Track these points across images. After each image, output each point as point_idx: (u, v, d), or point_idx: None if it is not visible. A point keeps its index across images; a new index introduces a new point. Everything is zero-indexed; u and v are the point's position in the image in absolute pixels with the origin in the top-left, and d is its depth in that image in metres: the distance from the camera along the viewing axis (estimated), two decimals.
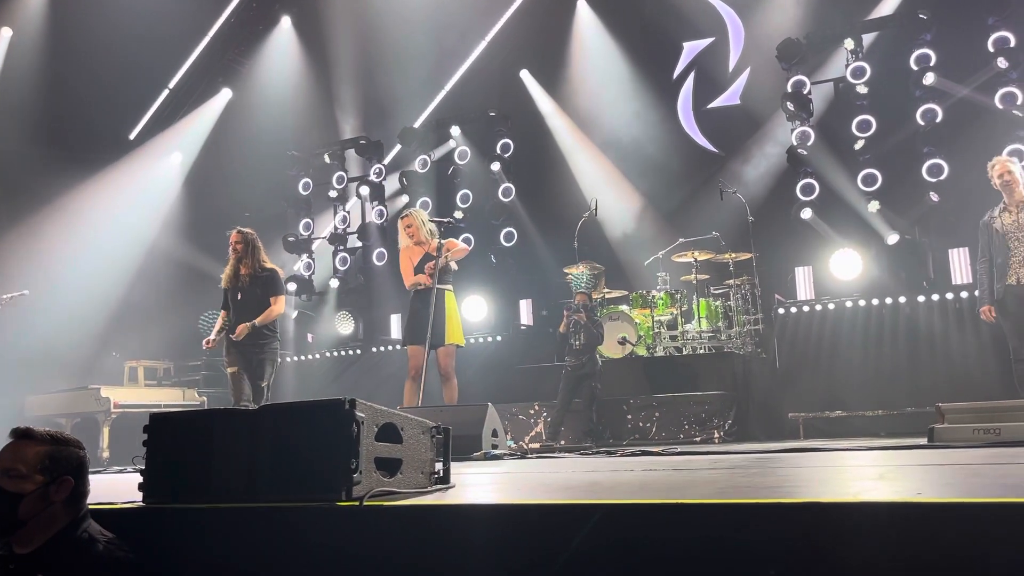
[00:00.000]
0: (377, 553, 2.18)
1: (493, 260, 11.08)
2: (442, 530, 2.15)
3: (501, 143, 11.26)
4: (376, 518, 2.20)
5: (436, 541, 2.13)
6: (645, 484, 2.63)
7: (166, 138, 12.49)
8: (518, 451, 5.19)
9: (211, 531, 2.41)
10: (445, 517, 2.17)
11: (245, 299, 6.69)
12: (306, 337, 12.33)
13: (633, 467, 3.39)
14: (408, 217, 6.99)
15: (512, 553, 2.00)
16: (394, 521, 2.19)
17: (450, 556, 2.10)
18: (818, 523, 1.71)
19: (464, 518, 2.11)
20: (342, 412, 2.36)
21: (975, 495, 1.83)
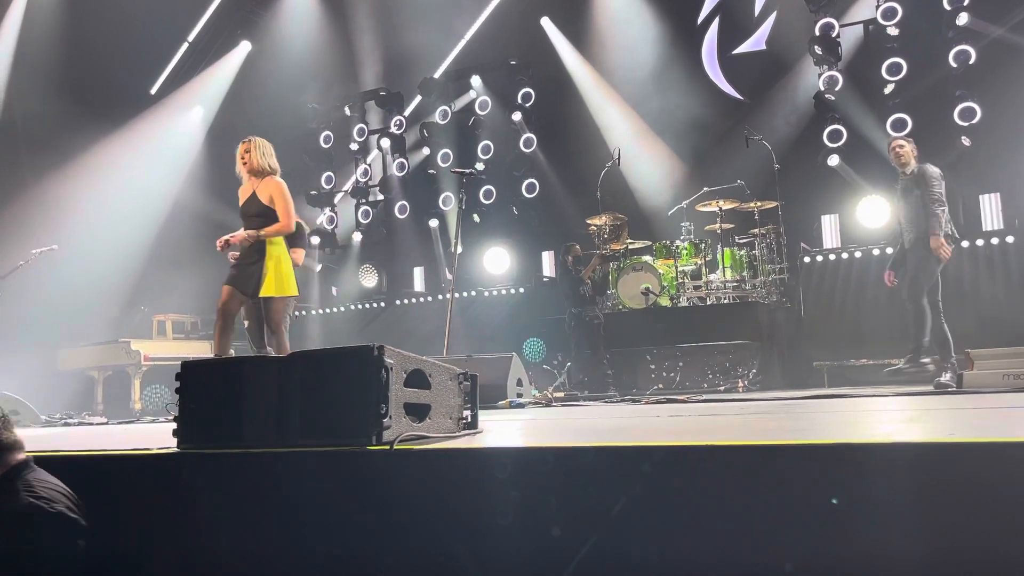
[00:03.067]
0: (407, 496, 2.21)
1: (515, 212, 11.04)
2: (471, 473, 2.17)
3: (522, 92, 11.13)
4: (406, 462, 2.22)
5: (465, 484, 2.16)
6: (673, 428, 2.63)
7: (187, 92, 12.46)
8: (543, 400, 5.22)
9: (243, 475, 2.45)
10: (474, 460, 2.19)
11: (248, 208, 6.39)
12: (330, 290, 12.42)
13: (659, 414, 3.40)
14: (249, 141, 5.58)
15: (541, 495, 2.02)
16: (424, 464, 2.21)
17: (479, 498, 2.12)
18: (851, 463, 1.70)
19: (493, 461, 2.12)
20: (371, 358, 2.37)
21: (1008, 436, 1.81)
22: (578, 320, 8.29)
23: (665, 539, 1.85)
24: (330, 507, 2.31)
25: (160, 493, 2.50)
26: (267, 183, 5.43)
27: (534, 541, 2.02)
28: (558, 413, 4.00)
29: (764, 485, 1.73)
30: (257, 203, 5.40)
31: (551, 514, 2.00)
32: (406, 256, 12.07)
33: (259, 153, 5.48)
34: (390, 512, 2.23)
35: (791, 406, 3.51)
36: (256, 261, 5.32)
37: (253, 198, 5.42)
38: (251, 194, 5.43)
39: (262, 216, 5.34)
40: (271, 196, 5.39)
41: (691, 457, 1.82)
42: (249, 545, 2.37)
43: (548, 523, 1.99)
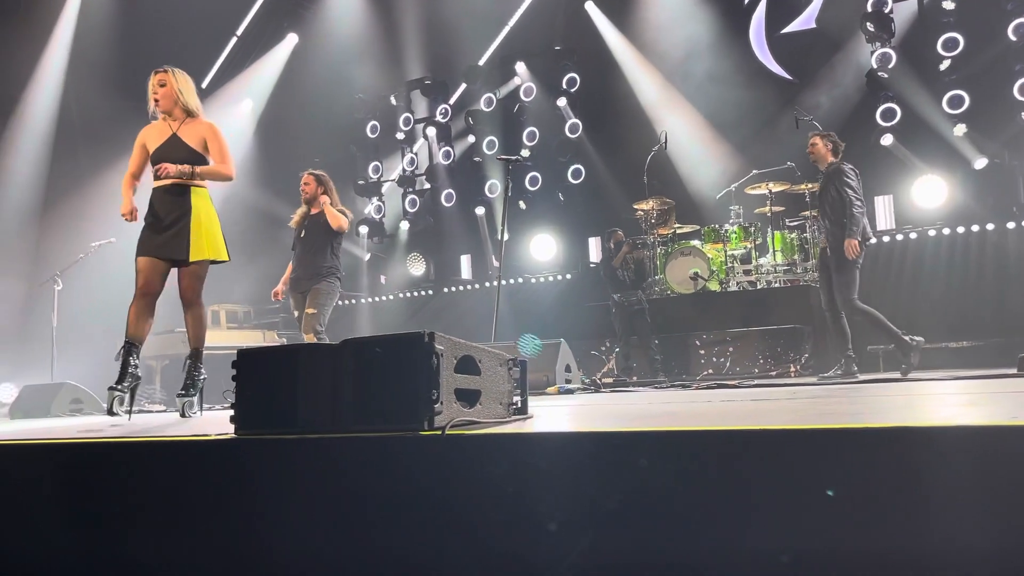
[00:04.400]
0: (459, 481, 2.23)
1: (561, 198, 11.01)
2: (523, 457, 2.17)
3: (567, 78, 11.07)
4: (458, 447, 2.24)
5: (518, 468, 2.16)
6: (725, 413, 2.61)
7: (236, 85, 12.66)
8: (591, 386, 5.21)
9: (299, 460, 2.49)
10: (526, 445, 2.19)
11: (308, 238, 6.40)
12: (379, 279, 12.54)
13: (710, 399, 3.37)
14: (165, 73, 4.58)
15: (593, 479, 2.02)
16: (476, 449, 2.23)
17: (531, 483, 2.13)
18: (910, 447, 1.67)
19: (545, 445, 2.13)
20: (422, 344, 2.39)
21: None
22: (620, 306, 8.27)
23: (722, 526, 1.84)
24: (383, 491, 2.34)
25: (219, 478, 2.56)
26: (195, 124, 4.53)
27: (586, 526, 2.02)
28: (607, 399, 4.00)
29: (823, 470, 1.71)
30: (182, 147, 4.47)
31: (603, 499, 2.00)
32: (453, 244, 12.13)
33: (178, 88, 4.53)
34: (442, 496, 2.25)
35: (846, 390, 3.45)
36: (178, 219, 4.41)
37: (175, 142, 4.48)
38: (170, 137, 4.49)
39: (190, 163, 4.45)
40: (203, 138, 4.50)
41: (747, 442, 1.80)
42: (304, 528, 2.42)
43: (601, 508, 1.99)
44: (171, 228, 4.39)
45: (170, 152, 4.44)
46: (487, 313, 9.54)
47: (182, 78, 4.57)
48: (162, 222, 4.41)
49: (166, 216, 4.40)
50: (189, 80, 4.63)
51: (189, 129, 4.51)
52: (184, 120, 4.52)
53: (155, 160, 4.46)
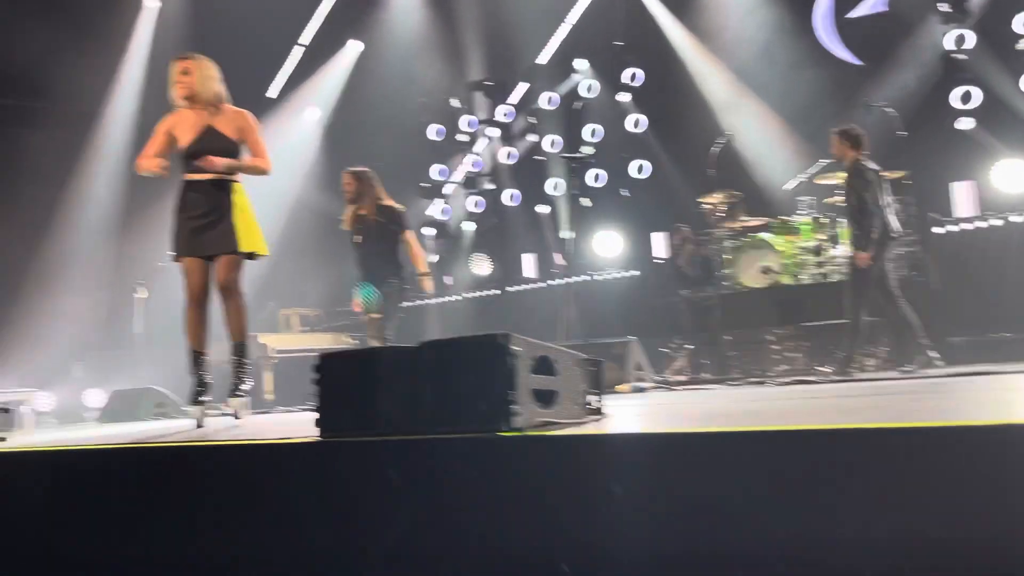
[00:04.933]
0: (539, 481, 2.24)
1: (625, 194, 10.94)
2: (602, 458, 2.17)
3: (629, 73, 10.99)
4: (537, 447, 2.25)
5: (597, 468, 2.16)
6: (809, 411, 2.56)
7: (302, 94, 12.92)
8: (663, 384, 5.17)
9: (380, 461, 2.53)
10: (606, 445, 2.19)
11: (366, 242, 6.24)
12: (445, 280, 12.65)
13: (790, 396, 3.31)
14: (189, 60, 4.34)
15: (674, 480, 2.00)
16: (555, 450, 2.24)
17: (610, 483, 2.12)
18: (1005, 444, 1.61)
19: (624, 446, 2.13)
20: (498, 346, 2.41)
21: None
22: (689, 302, 8.19)
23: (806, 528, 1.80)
24: (463, 492, 2.37)
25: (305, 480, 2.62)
26: (229, 113, 4.31)
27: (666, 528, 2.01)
28: (682, 397, 3.96)
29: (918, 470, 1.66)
30: (221, 139, 4.24)
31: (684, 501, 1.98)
32: (517, 243, 12.16)
33: (204, 75, 4.29)
34: (521, 496, 2.27)
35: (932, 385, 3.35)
36: (222, 214, 4.23)
37: (212, 134, 4.25)
38: (206, 128, 4.26)
39: (229, 156, 4.25)
40: (240, 128, 4.30)
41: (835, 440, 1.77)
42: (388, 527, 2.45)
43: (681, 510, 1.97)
44: (216, 224, 4.19)
45: (209, 145, 4.22)
46: (552, 312, 9.55)
47: (207, 65, 4.32)
48: (203, 219, 4.21)
49: (207, 212, 4.20)
50: (214, 67, 4.36)
51: (224, 119, 4.28)
52: (215, 109, 4.28)
53: (194, 154, 4.23)
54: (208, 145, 4.22)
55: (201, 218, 4.23)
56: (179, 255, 4.30)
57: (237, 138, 4.29)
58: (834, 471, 1.80)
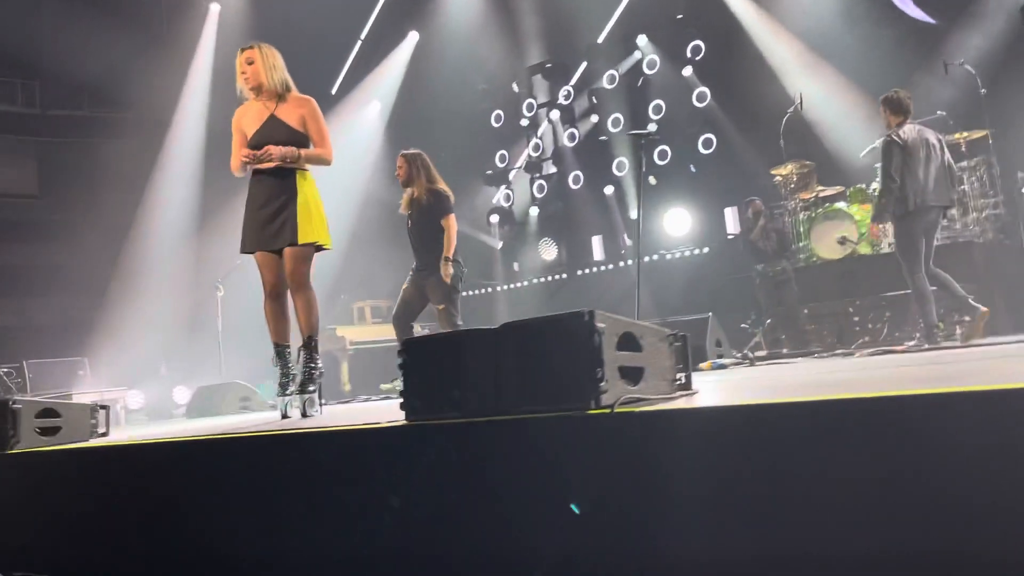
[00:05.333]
0: (631, 458, 2.21)
1: (693, 170, 10.75)
2: (697, 432, 2.13)
3: (691, 46, 10.79)
4: (628, 424, 2.21)
5: (691, 444, 2.12)
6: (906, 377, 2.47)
7: (364, 88, 13.08)
8: (744, 359, 5.07)
9: (468, 443, 2.53)
10: (699, 420, 2.14)
11: (415, 225, 6.12)
12: (512, 266, 12.67)
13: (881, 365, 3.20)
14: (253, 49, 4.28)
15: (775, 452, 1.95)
16: (647, 426, 2.20)
17: (706, 458, 2.08)
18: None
19: (721, 420, 2.08)
20: (583, 323, 2.37)
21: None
22: (764, 277, 8.04)
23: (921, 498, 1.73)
24: (553, 471, 2.35)
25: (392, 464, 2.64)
26: (294, 102, 4.24)
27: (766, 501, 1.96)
28: (767, 372, 3.87)
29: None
30: (283, 128, 4.17)
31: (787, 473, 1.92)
32: (584, 226, 12.09)
33: (269, 64, 4.23)
34: (613, 474, 2.24)
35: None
36: (285, 204, 4.15)
37: (275, 123, 4.19)
38: (269, 118, 4.20)
39: (291, 145, 4.16)
40: (303, 117, 4.21)
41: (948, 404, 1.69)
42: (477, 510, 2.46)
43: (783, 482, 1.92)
44: (279, 215, 4.13)
45: (271, 135, 4.15)
46: (623, 293, 9.47)
47: (270, 53, 4.26)
48: (267, 209, 4.15)
49: (271, 202, 4.15)
50: (278, 55, 4.30)
51: (287, 108, 4.21)
52: (280, 99, 4.22)
53: (256, 143, 4.17)
54: (269, 135, 4.15)
55: (265, 209, 4.17)
56: (247, 249, 4.27)
57: (299, 127, 4.20)
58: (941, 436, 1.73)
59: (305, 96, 4.28)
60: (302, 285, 4.22)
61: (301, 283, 4.21)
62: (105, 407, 4.41)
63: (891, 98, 6.29)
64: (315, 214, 4.23)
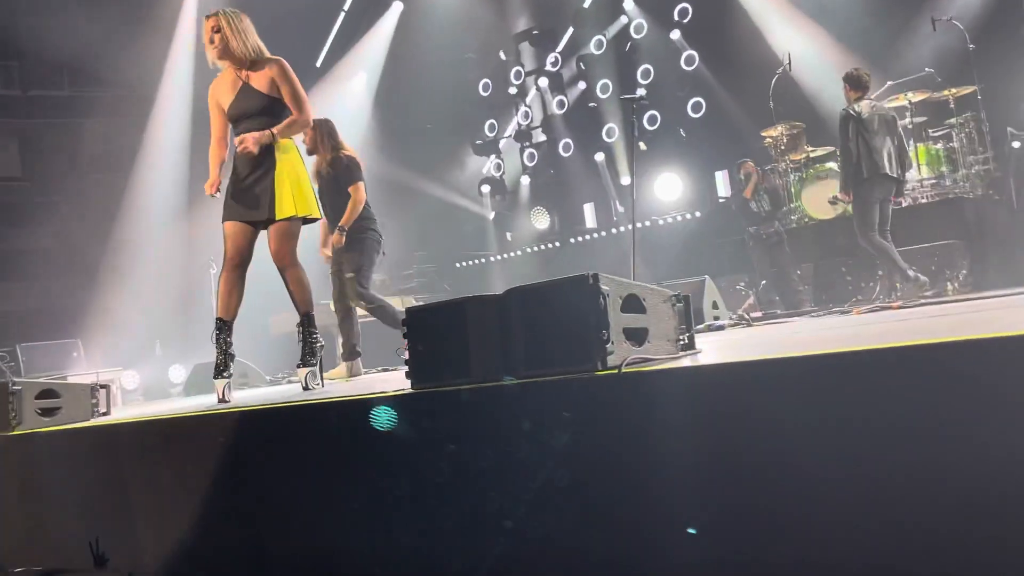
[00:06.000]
0: (639, 418, 2.22)
1: (683, 134, 10.72)
2: (703, 390, 2.15)
3: (679, 8, 10.71)
4: (635, 384, 2.23)
5: (698, 401, 2.14)
6: (908, 330, 2.49)
7: (349, 61, 12.95)
8: (740, 320, 5.10)
9: (475, 408, 2.55)
10: (705, 377, 2.16)
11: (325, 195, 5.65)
12: (505, 236, 12.66)
13: (881, 320, 3.22)
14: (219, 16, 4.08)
15: (784, 406, 1.97)
16: (654, 385, 2.22)
17: (713, 415, 2.10)
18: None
19: (728, 376, 2.10)
20: (587, 286, 2.38)
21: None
22: (756, 238, 8.06)
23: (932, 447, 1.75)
24: (562, 433, 2.37)
25: (402, 432, 2.66)
26: (263, 65, 4.04)
27: (778, 458, 1.98)
28: (767, 331, 3.89)
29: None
30: (256, 96, 4.00)
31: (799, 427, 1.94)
32: (575, 193, 12.07)
33: (236, 30, 4.02)
34: (622, 434, 2.26)
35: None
36: (261, 177, 4.00)
37: (247, 91, 4.02)
38: (242, 87, 4.03)
39: (267, 114, 3.99)
40: (271, 80, 4.01)
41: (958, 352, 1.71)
42: (490, 473, 2.48)
43: (797, 436, 1.94)
44: (254, 187, 3.98)
45: (246, 105, 4.01)
46: (616, 260, 9.48)
47: (236, 19, 4.06)
48: (244, 182, 4.00)
49: (249, 175, 3.99)
50: (246, 19, 4.12)
51: (259, 74, 4.02)
52: (251, 64, 4.03)
53: (233, 117, 4.06)
54: (245, 106, 4.01)
55: (244, 181, 4.01)
56: (223, 219, 4.09)
57: (269, 91, 4.01)
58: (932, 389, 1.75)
59: (274, 57, 4.08)
60: (290, 263, 4.11)
61: (289, 261, 4.10)
62: (105, 386, 4.41)
63: (851, 74, 6.72)
64: (295, 185, 4.04)
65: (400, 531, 2.61)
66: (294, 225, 4.07)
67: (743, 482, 2.02)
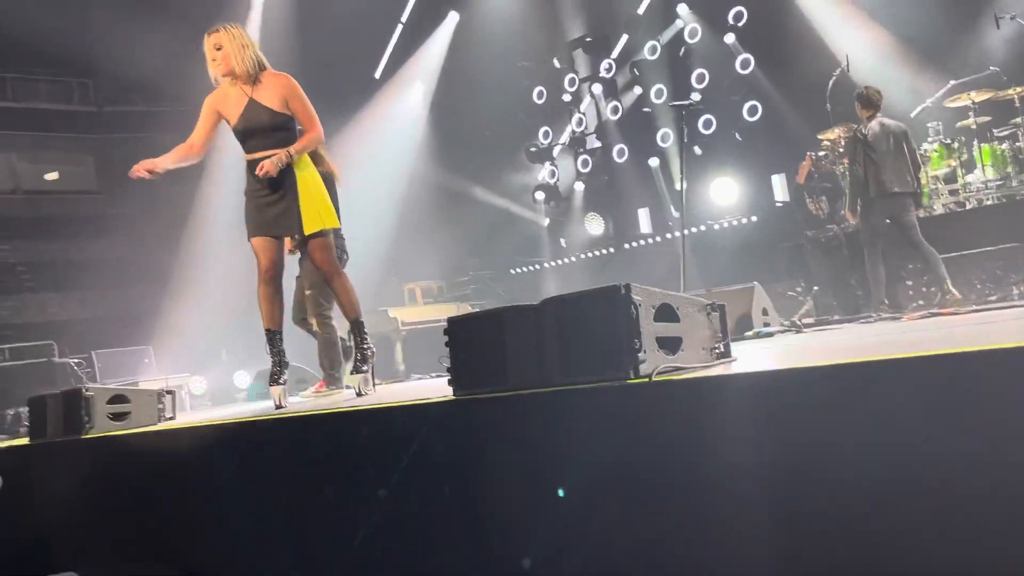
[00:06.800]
0: (670, 426, 2.27)
1: (738, 138, 10.63)
2: (733, 398, 2.18)
3: (733, 12, 10.61)
4: (666, 392, 2.28)
5: (729, 410, 2.17)
6: (950, 338, 2.47)
7: (407, 71, 13.19)
8: (791, 327, 5.06)
9: (513, 415, 2.62)
10: (735, 385, 2.20)
11: None
12: (559, 242, 12.71)
13: (925, 328, 3.19)
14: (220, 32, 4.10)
15: (814, 417, 1.98)
16: (685, 393, 2.26)
17: (743, 423, 2.13)
18: None
19: (755, 385, 2.13)
20: (619, 296, 2.44)
21: None
22: (814, 243, 7.94)
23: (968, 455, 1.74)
24: (594, 440, 2.43)
25: (445, 437, 2.75)
26: (269, 81, 4.08)
27: (807, 467, 1.99)
28: (812, 338, 3.88)
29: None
30: (265, 113, 4.05)
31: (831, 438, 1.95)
32: (630, 199, 12.05)
33: (238, 46, 4.05)
34: (653, 441, 2.30)
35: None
36: (284, 194, 4.08)
37: (255, 108, 4.06)
38: (248, 103, 4.06)
39: (278, 129, 4.07)
40: (284, 98, 4.07)
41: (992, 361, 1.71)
42: (527, 478, 2.55)
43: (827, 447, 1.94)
44: (279, 202, 4.07)
45: (254, 121, 4.05)
46: (671, 265, 9.43)
47: (238, 33, 4.10)
48: (266, 196, 4.08)
49: (270, 193, 4.07)
50: (246, 33, 4.16)
51: (265, 89, 4.07)
52: (256, 79, 4.07)
53: (241, 132, 4.12)
54: (253, 122, 4.06)
55: (265, 196, 4.09)
56: (249, 235, 4.19)
57: (282, 108, 4.07)
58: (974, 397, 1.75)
59: (280, 73, 4.15)
60: (334, 272, 4.26)
61: (333, 270, 4.25)
62: (171, 392, 4.63)
63: (861, 93, 6.88)
64: (317, 199, 4.16)
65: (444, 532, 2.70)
66: (328, 236, 4.22)
67: (771, 489, 2.05)
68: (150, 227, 15.96)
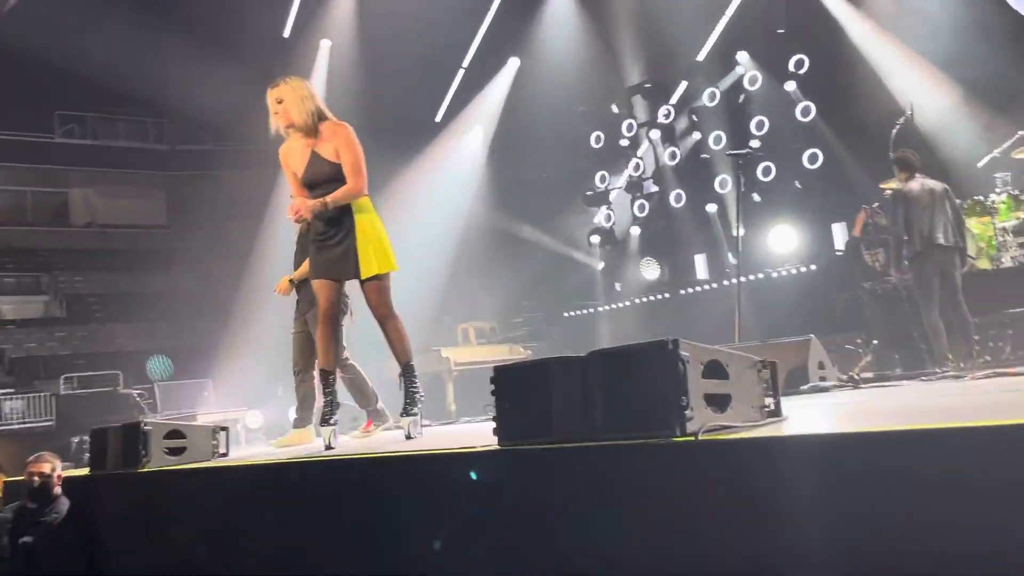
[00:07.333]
0: (715, 486, 2.23)
1: (798, 185, 10.51)
2: (781, 461, 2.13)
3: (794, 60, 10.58)
4: (712, 451, 2.24)
5: (775, 472, 2.13)
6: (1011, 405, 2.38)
7: (467, 115, 13.43)
8: (848, 382, 4.92)
9: (557, 468, 2.61)
10: (783, 448, 2.15)
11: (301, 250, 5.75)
12: (614, 286, 12.66)
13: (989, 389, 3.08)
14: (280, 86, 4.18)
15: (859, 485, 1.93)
16: (731, 454, 2.22)
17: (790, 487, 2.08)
18: None
19: (803, 448, 2.08)
20: (667, 352, 2.42)
21: None
22: (872, 294, 7.74)
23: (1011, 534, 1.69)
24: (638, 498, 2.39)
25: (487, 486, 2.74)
26: (329, 132, 4.14)
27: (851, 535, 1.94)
28: (869, 395, 3.78)
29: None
30: (325, 165, 4.11)
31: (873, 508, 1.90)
32: (686, 244, 11.99)
33: (298, 99, 4.11)
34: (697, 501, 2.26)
35: None
36: (343, 238, 4.13)
37: (317, 160, 4.13)
38: (311, 155, 4.14)
39: (337, 180, 4.11)
40: (336, 148, 4.12)
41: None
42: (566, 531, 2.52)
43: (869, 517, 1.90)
44: (338, 247, 4.12)
45: (316, 173, 4.14)
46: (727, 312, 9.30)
47: (299, 85, 4.17)
48: (327, 241, 4.16)
49: (331, 236, 4.14)
50: (306, 85, 4.22)
51: (326, 142, 4.14)
52: (316, 131, 4.14)
53: (306, 184, 4.19)
54: (316, 173, 4.14)
55: (323, 240, 4.17)
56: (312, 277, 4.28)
57: (338, 159, 4.13)
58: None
59: (339, 123, 4.20)
60: (389, 314, 4.25)
61: (388, 312, 4.24)
62: (225, 428, 4.70)
63: (900, 156, 7.05)
64: (375, 243, 4.16)
65: None
66: (384, 280, 4.21)
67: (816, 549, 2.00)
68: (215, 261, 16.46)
